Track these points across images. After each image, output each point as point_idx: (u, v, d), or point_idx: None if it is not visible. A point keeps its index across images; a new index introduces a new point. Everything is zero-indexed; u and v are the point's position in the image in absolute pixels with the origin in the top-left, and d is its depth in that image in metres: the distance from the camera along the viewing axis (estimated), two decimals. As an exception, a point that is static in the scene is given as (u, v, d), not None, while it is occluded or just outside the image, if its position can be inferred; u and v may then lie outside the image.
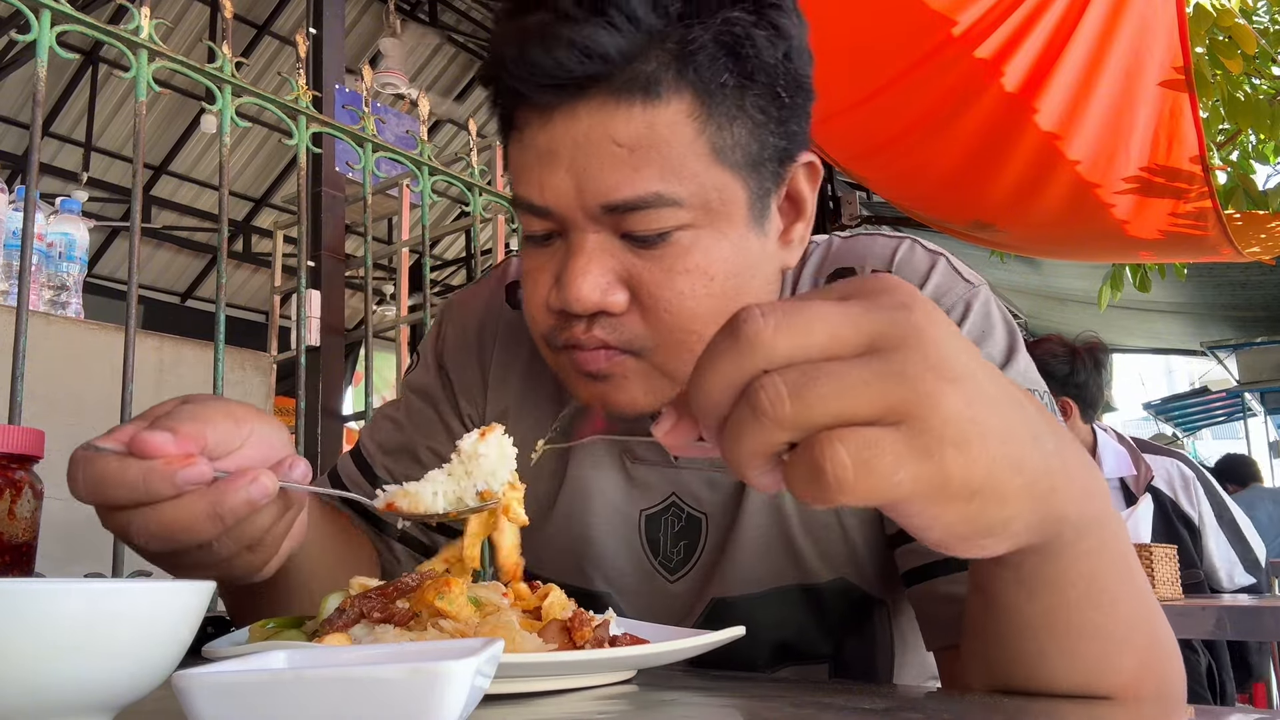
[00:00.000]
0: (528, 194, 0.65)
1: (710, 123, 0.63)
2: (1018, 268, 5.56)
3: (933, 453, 0.34)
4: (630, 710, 0.51)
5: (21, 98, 6.76)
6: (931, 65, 2.75)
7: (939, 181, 3.33)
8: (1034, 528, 0.41)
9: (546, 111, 0.63)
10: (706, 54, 0.61)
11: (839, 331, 0.35)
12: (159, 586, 0.40)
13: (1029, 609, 0.49)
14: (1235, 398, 9.03)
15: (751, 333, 0.35)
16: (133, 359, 1.39)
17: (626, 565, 0.79)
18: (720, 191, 0.64)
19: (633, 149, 0.61)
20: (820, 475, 0.34)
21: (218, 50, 1.59)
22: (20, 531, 0.75)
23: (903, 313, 0.36)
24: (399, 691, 0.32)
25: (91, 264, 4.95)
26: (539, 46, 0.60)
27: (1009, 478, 0.37)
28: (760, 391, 0.34)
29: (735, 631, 0.62)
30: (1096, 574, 0.47)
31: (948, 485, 0.35)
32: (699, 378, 0.37)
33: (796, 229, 0.72)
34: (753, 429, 0.35)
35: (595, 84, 0.61)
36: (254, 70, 6.94)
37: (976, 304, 0.73)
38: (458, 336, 0.87)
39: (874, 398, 0.34)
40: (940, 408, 0.35)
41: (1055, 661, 0.50)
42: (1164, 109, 2.74)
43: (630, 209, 0.62)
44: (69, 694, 0.38)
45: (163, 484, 0.51)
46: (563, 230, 0.66)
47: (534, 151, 0.64)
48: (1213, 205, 2.96)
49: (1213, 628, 1.93)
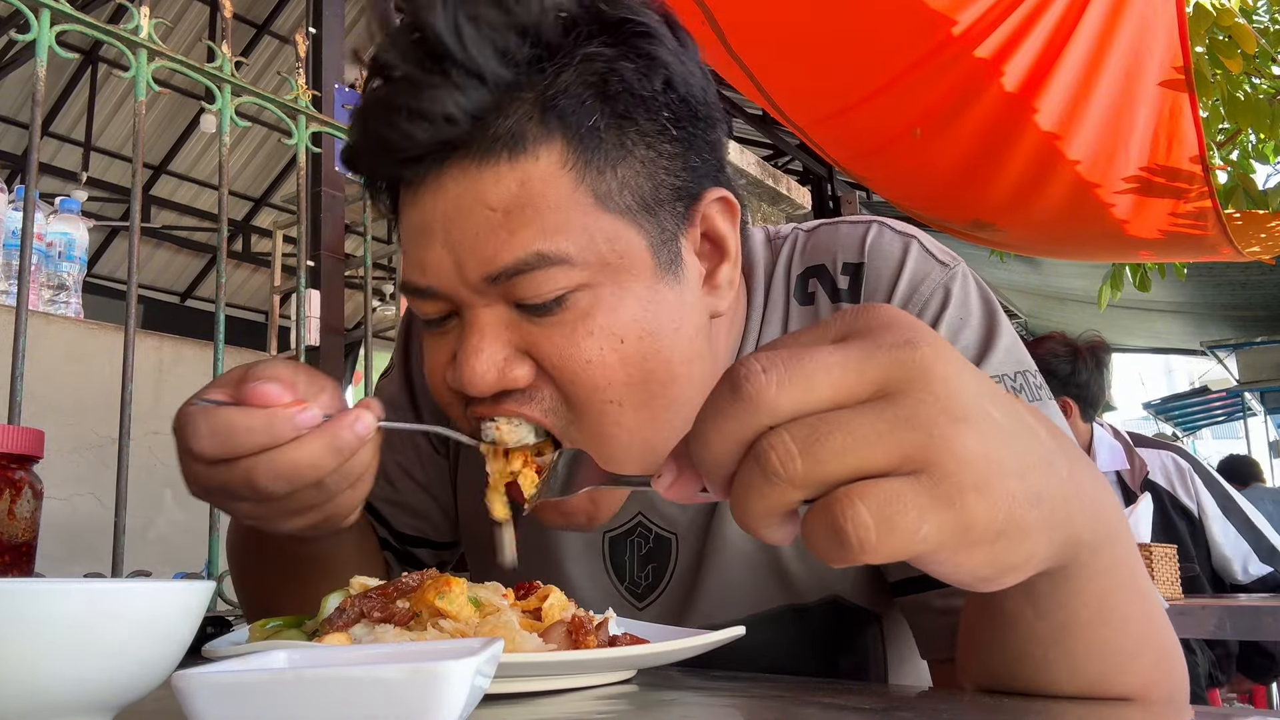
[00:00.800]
0: (410, 276, 0.61)
1: (589, 169, 0.58)
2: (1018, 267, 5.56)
3: (954, 501, 0.33)
4: (630, 710, 0.51)
5: (21, 97, 6.75)
6: (931, 65, 2.75)
7: (939, 181, 3.33)
8: (1052, 555, 0.39)
9: (413, 186, 0.59)
10: (570, 97, 0.57)
11: (844, 381, 0.34)
12: (159, 586, 0.40)
13: (1039, 626, 0.48)
14: (1235, 397, 9.04)
15: (754, 390, 0.33)
16: (132, 359, 1.39)
17: (591, 592, 0.76)
18: (613, 243, 0.59)
19: (507, 211, 0.57)
20: (842, 537, 0.32)
21: (217, 50, 1.59)
22: (20, 531, 0.75)
23: (907, 351, 0.34)
24: (399, 691, 0.32)
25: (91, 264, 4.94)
26: (382, 120, 0.57)
27: (1028, 512, 0.35)
28: (770, 451, 0.33)
29: (735, 631, 0.62)
30: (1109, 592, 0.46)
31: (971, 532, 0.34)
32: (701, 436, 0.35)
33: (722, 271, 0.66)
34: (764, 490, 0.33)
35: (453, 150, 0.57)
36: (254, 70, 6.94)
37: (955, 289, 0.69)
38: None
39: (888, 448, 0.33)
40: (957, 451, 0.33)
41: (1060, 673, 0.49)
42: (1164, 109, 2.74)
43: (514, 274, 0.57)
44: (69, 694, 0.38)
45: (285, 426, 0.54)
46: (456, 309, 0.61)
47: (410, 231, 0.60)
48: (1212, 205, 2.96)
49: (1213, 628, 1.93)
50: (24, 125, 6.73)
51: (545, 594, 0.63)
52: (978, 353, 0.68)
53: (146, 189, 7.53)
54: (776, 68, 2.69)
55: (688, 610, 0.74)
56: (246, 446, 0.55)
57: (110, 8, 1.76)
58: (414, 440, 0.84)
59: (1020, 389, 0.67)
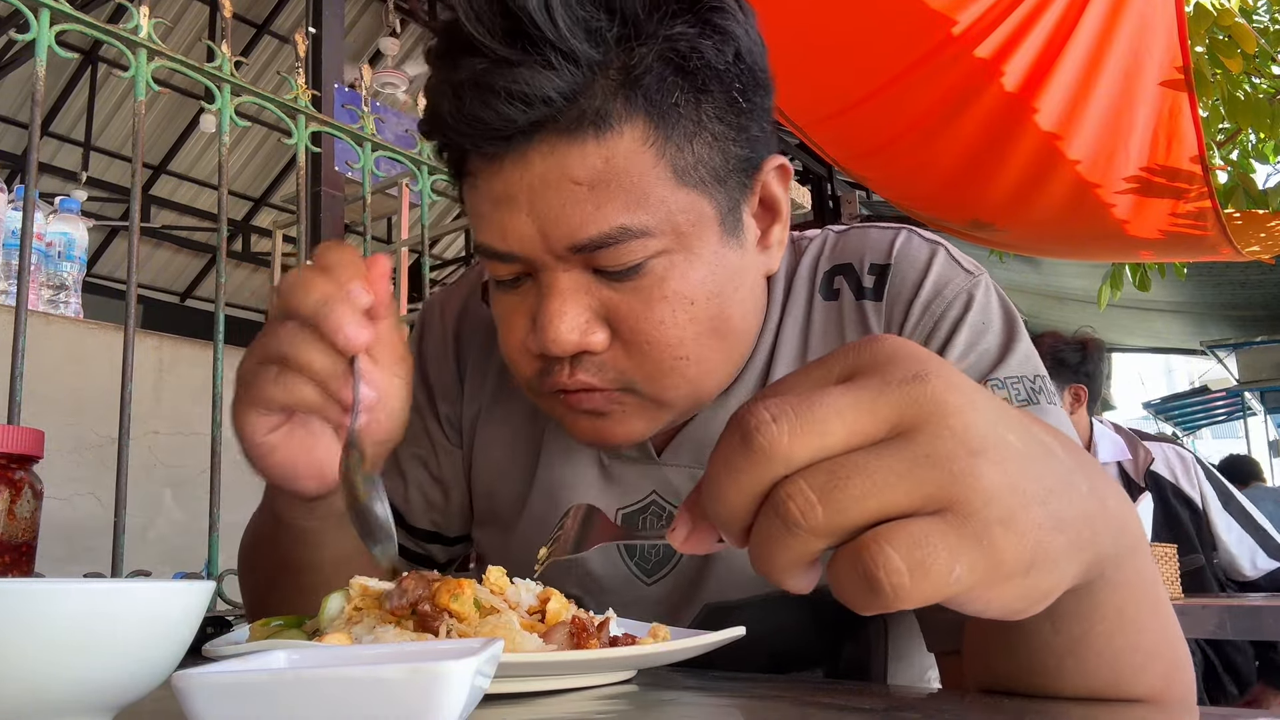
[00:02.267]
0: (489, 240, 0.63)
1: (669, 145, 0.60)
2: (1017, 267, 5.56)
3: (982, 538, 0.32)
4: (630, 710, 0.51)
5: (20, 97, 6.75)
6: (931, 64, 2.75)
7: (939, 181, 3.33)
8: (1081, 575, 0.38)
9: (496, 160, 0.60)
10: (654, 76, 0.59)
11: (858, 424, 0.32)
12: (159, 586, 0.40)
13: (1055, 641, 0.47)
14: (1235, 397, 9.04)
15: (766, 442, 0.32)
16: (132, 358, 1.39)
17: (601, 568, 0.77)
18: (687, 214, 0.62)
19: (592, 185, 0.59)
20: (875, 585, 0.31)
21: (217, 49, 1.59)
22: (20, 531, 0.75)
23: (919, 386, 0.33)
24: (399, 691, 0.32)
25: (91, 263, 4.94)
26: (476, 99, 0.58)
27: (1055, 539, 0.34)
28: (788, 502, 0.32)
29: (735, 631, 0.62)
30: (1127, 604, 0.46)
31: (1002, 567, 0.32)
32: (714, 491, 0.34)
33: (774, 232, 0.70)
34: (786, 541, 0.32)
35: (542, 128, 0.58)
36: (253, 69, 6.94)
37: (978, 295, 0.71)
38: (436, 338, 0.86)
39: (910, 490, 0.32)
40: (980, 487, 0.32)
41: (1071, 680, 0.49)
42: (1163, 108, 2.74)
43: (598, 246, 0.60)
44: (69, 694, 0.38)
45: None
46: (532, 271, 0.63)
47: (490, 198, 0.62)
48: (1212, 205, 2.96)
49: (1213, 628, 1.93)
50: (24, 125, 6.72)
51: (546, 596, 0.63)
52: (997, 356, 0.69)
53: (146, 189, 7.53)
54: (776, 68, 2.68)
55: (696, 589, 0.74)
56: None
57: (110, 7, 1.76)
58: (428, 431, 0.84)
59: (1039, 391, 0.68)
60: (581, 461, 0.77)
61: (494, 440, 0.81)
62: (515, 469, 0.80)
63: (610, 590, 0.77)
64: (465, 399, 0.83)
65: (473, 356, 0.83)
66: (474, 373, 0.83)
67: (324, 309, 0.54)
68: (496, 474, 0.81)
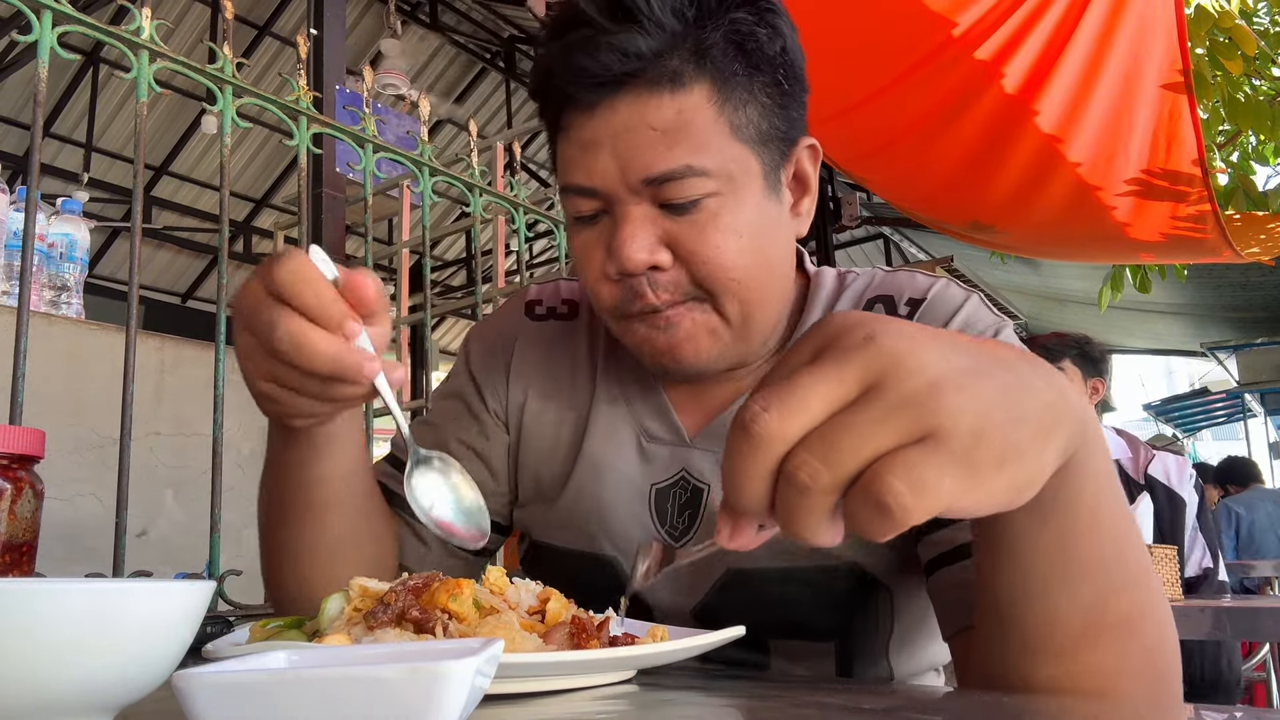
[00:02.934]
0: (577, 179, 0.76)
1: (727, 105, 0.73)
2: (1017, 269, 5.56)
3: (960, 451, 0.38)
4: (630, 710, 0.51)
5: (22, 98, 6.76)
6: (931, 67, 2.75)
7: (939, 183, 3.34)
8: (1060, 456, 0.44)
9: (590, 108, 0.73)
10: (719, 49, 0.73)
11: (833, 392, 0.39)
12: (159, 586, 0.40)
13: (1040, 538, 0.52)
14: (1235, 399, 9.04)
15: (762, 429, 0.38)
16: (133, 359, 1.39)
17: (635, 533, 0.85)
18: (739, 163, 0.75)
19: (665, 131, 0.72)
20: (886, 509, 0.37)
21: (218, 51, 1.59)
22: (20, 531, 0.75)
23: (871, 345, 0.39)
24: (399, 691, 0.33)
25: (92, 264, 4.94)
26: (583, 53, 0.72)
27: (1020, 430, 0.40)
28: (798, 473, 0.38)
29: (735, 631, 0.62)
30: (1101, 500, 0.51)
31: (982, 470, 0.39)
32: (734, 484, 0.40)
33: (804, 203, 0.83)
34: (805, 505, 0.38)
35: (631, 80, 0.72)
36: (255, 71, 6.94)
37: (1005, 332, 0.81)
38: (483, 347, 0.98)
39: (891, 431, 0.38)
40: (945, 410, 0.38)
41: (1060, 598, 0.54)
42: (1163, 111, 2.74)
43: (666, 180, 0.72)
44: (69, 694, 0.38)
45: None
46: (608, 207, 0.76)
47: (580, 144, 0.75)
48: (1212, 208, 2.96)
49: (1211, 628, 1.93)
50: (26, 126, 6.73)
51: (546, 596, 0.63)
52: None
53: (148, 190, 7.54)
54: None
55: (720, 555, 0.80)
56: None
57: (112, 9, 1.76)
58: (480, 421, 0.93)
59: None
60: (622, 443, 0.87)
61: (541, 426, 0.92)
62: (560, 449, 0.90)
63: None
64: (510, 394, 0.94)
65: (516, 356, 0.95)
66: (518, 370, 0.94)
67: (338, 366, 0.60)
68: (543, 455, 0.91)
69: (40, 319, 1.66)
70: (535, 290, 1.00)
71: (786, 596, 0.80)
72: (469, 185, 2.15)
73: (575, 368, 0.92)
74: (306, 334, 0.59)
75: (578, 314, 0.96)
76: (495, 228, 2.99)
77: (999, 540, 0.55)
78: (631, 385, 0.89)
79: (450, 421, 0.95)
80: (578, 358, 0.93)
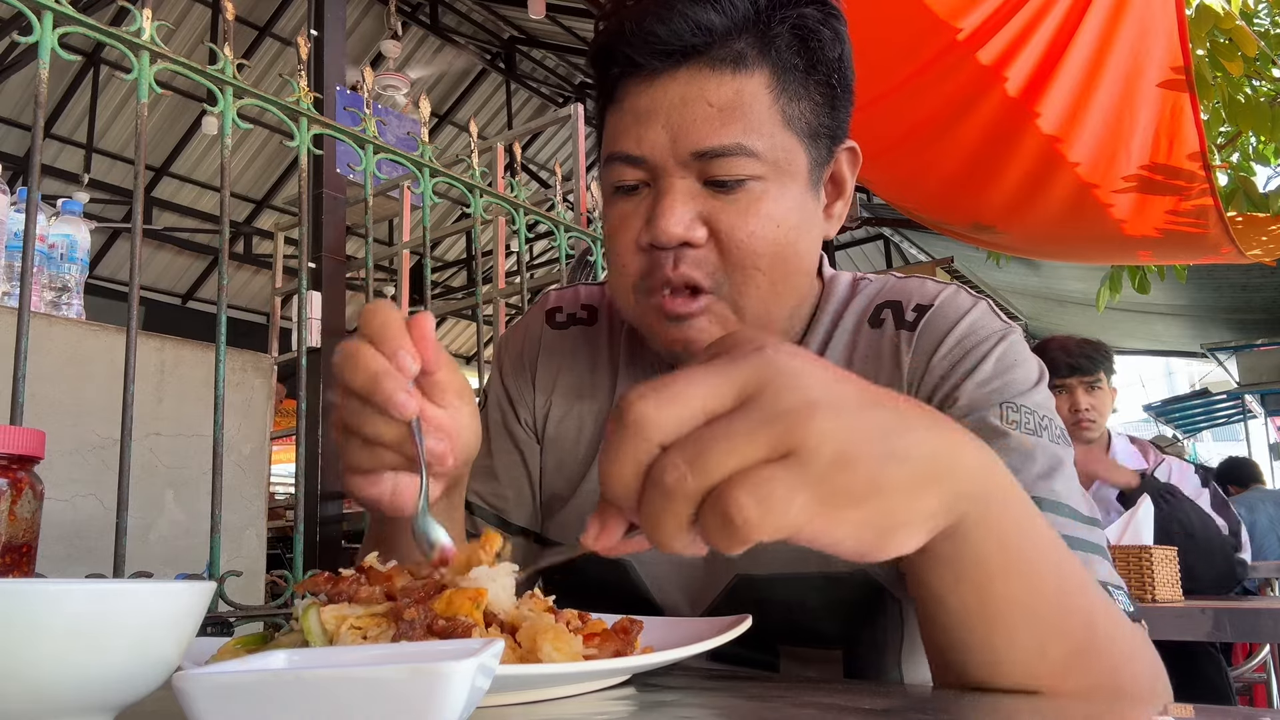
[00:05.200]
0: (625, 147, 0.76)
1: (783, 95, 0.75)
2: (1017, 269, 5.57)
3: (819, 473, 0.38)
4: (630, 710, 0.51)
5: (23, 99, 6.76)
6: (934, 70, 2.75)
7: (940, 185, 3.34)
8: (939, 512, 0.44)
9: (650, 77, 0.74)
10: (783, 40, 0.74)
11: (713, 390, 0.39)
12: (159, 587, 0.40)
13: (958, 595, 0.52)
14: (1235, 400, 9.03)
15: (638, 414, 0.39)
16: (134, 360, 1.39)
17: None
18: (787, 153, 0.75)
19: (721, 108, 0.73)
20: (729, 523, 0.37)
21: (219, 52, 1.59)
22: (20, 532, 0.75)
23: (759, 355, 0.40)
24: (399, 691, 0.33)
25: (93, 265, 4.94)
26: (655, 18, 0.73)
27: (894, 470, 0.40)
28: (665, 473, 0.38)
29: (741, 627, 0.62)
30: (1009, 543, 0.50)
31: (837, 498, 0.38)
32: (606, 471, 0.40)
33: (836, 206, 0.83)
34: (667, 508, 0.38)
35: (696, 54, 0.73)
36: (255, 72, 6.95)
37: (1012, 337, 0.80)
38: (512, 360, 0.98)
39: (759, 443, 0.38)
40: (815, 430, 0.38)
41: (999, 646, 0.53)
42: (1164, 110, 2.74)
43: (716, 155, 0.73)
44: (69, 694, 0.38)
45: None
46: (652, 179, 0.76)
47: (633, 113, 0.76)
48: (1214, 203, 2.95)
49: (1211, 629, 1.93)
50: (26, 127, 6.73)
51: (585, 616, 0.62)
52: (1023, 387, 0.76)
53: (148, 191, 7.54)
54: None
55: (732, 561, 0.81)
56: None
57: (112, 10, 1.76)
58: (513, 434, 0.94)
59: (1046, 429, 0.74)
60: None
61: (564, 431, 0.93)
62: (580, 451, 0.91)
63: (654, 559, 0.84)
64: (537, 402, 0.95)
65: (541, 365, 0.95)
66: (542, 378, 0.95)
67: (373, 385, 0.59)
68: (564, 459, 0.92)
69: (41, 320, 1.66)
70: (555, 297, 1.00)
71: (794, 603, 0.79)
72: (469, 186, 2.15)
73: (596, 372, 0.92)
74: (360, 348, 0.59)
75: (598, 319, 0.96)
76: (496, 229, 2.99)
77: (922, 594, 0.55)
78: None
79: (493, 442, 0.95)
80: (598, 362, 0.93)
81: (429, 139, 2.06)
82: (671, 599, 0.83)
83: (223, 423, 1.48)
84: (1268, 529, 5.01)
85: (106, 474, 1.69)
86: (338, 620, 0.54)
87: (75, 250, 1.88)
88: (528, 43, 8.12)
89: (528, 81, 8.42)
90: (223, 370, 1.50)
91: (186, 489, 1.85)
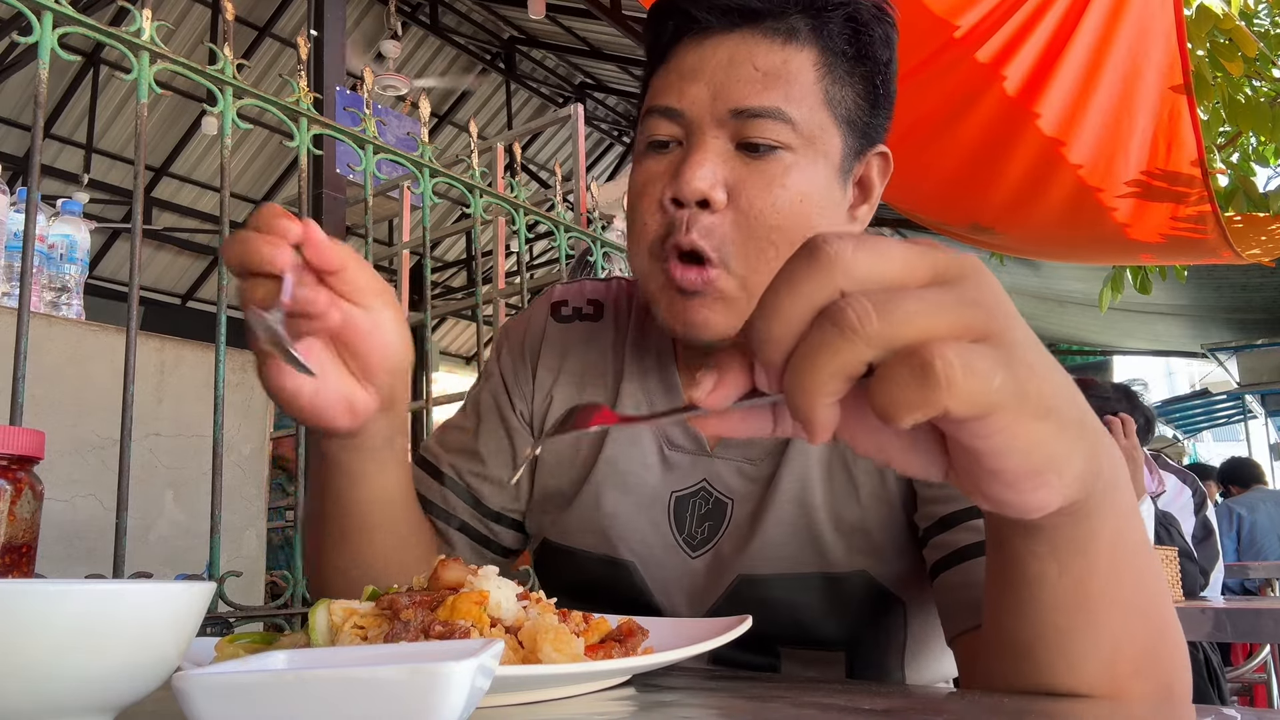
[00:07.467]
0: (665, 100, 0.77)
1: (827, 76, 0.76)
2: (1017, 270, 5.56)
3: (1016, 364, 0.35)
4: (630, 710, 0.51)
5: (23, 99, 6.76)
6: (932, 69, 2.75)
7: (939, 185, 3.33)
8: (1080, 477, 0.40)
9: (703, 36, 0.77)
10: (837, 25, 0.77)
11: (911, 261, 0.36)
12: (159, 587, 0.40)
13: (1060, 582, 0.49)
14: (1236, 400, 9.03)
15: (832, 252, 0.35)
16: (134, 360, 1.39)
17: (652, 539, 0.85)
18: (823, 130, 0.76)
19: (766, 74, 0.75)
20: (929, 374, 0.33)
21: (219, 52, 1.59)
22: (20, 532, 0.75)
23: (962, 256, 0.37)
24: (399, 691, 0.33)
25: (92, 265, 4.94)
26: None
27: (1069, 407, 0.39)
28: (847, 309, 0.34)
29: (742, 627, 0.62)
30: (1121, 539, 0.48)
31: (1028, 398, 0.36)
32: (772, 303, 0.36)
33: (862, 210, 0.84)
34: (836, 347, 0.34)
35: (753, 19, 0.75)
36: (255, 72, 6.95)
37: None
38: (513, 348, 0.97)
39: (954, 319, 0.35)
40: (1014, 329, 0.36)
41: (1077, 648, 0.51)
42: (1162, 113, 2.74)
43: (753, 115, 0.74)
44: (69, 694, 0.38)
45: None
46: (686, 136, 0.77)
47: (679, 71, 0.77)
48: (1212, 209, 2.96)
49: (1211, 629, 1.93)
50: (26, 127, 6.73)
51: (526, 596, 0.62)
52: None
53: (148, 191, 7.53)
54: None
55: (733, 563, 0.81)
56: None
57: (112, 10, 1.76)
58: (506, 422, 0.93)
59: None
60: (645, 448, 0.87)
61: (559, 408, 0.91)
62: (581, 451, 0.89)
63: (658, 562, 0.84)
64: (536, 395, 0.94)
65: (543, 357, 0.94)
66: (543, 370, 0.94)
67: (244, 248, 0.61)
68: (564, 458, 0.91)
69: (40, 320, 1.66)
70: (560, 291, 0.99)
71: (796, 604, 0.79)
72: (469, 186, 2.15)
73: (599, 369, 0.91)
74: (240, 232, 0.61)
75: (603, 314, 0.95)
76: (496, 229, 2.99)
77: (1017, 583, 0.51)
78: (656, 389, 0.88)
79: (485, 424, 0.95)
80: (603, 358, 0.92)
81: (428, 139, 2.06)
82: (673, 600, 0.83)
83: (222, 423, 1.48)
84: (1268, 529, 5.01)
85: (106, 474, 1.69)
86: (346, 614, 0.54)
87: (75, 250, 1.88)
88: (528, 43, 8.12)
89: (528, 81, 8.43)
90: (223, 370, 1.50)
91: (186, 489, 1.85)
